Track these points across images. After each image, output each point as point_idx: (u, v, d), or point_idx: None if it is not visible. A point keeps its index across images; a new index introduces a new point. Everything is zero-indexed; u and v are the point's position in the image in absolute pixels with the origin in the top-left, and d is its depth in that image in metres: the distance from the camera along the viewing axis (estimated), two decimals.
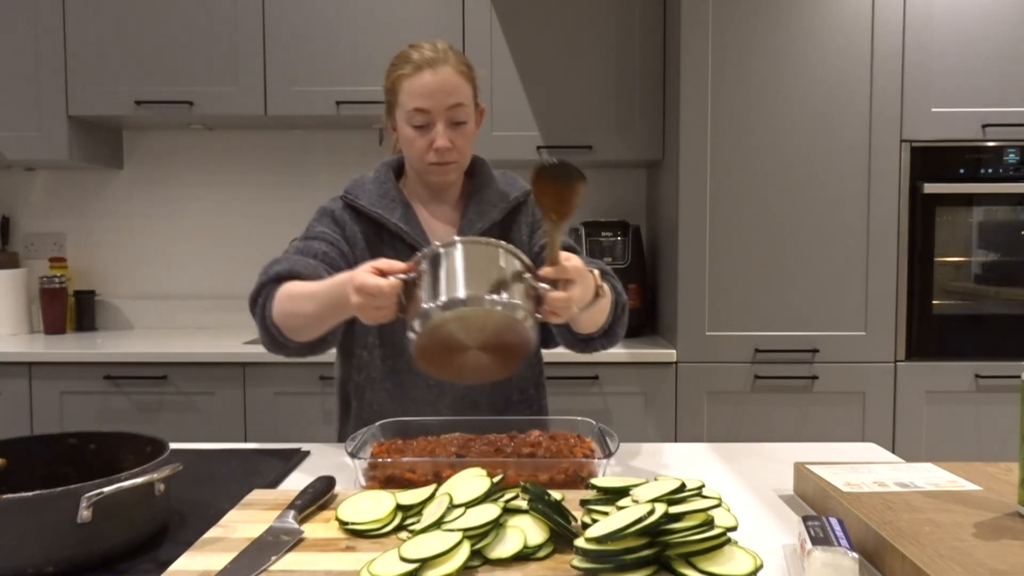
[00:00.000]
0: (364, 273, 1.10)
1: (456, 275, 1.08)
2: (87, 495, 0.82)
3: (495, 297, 1.06)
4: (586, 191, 1.14)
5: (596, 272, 1.26)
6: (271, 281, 1.32)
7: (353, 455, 1.08)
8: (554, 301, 1.11)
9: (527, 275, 1.13)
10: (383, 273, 1.10)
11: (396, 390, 1.44)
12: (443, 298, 1.05)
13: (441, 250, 1.11)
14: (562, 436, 1.20)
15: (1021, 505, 0.89)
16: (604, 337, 1.41)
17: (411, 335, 1.07)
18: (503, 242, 1.15)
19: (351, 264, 1.39)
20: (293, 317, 1.27)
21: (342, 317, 1.25)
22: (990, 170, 2.45)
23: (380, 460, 1.09)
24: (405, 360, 1.42)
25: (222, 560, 0.82)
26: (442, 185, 1.46)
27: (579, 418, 1.27)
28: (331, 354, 2.46)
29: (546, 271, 1.12)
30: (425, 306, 1.05)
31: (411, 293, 1.10)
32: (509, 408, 1.49)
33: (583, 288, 1.16)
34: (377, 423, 1.25)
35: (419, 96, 1.35)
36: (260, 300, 1.32)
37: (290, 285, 1.28)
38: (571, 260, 1.13)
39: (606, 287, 1.31)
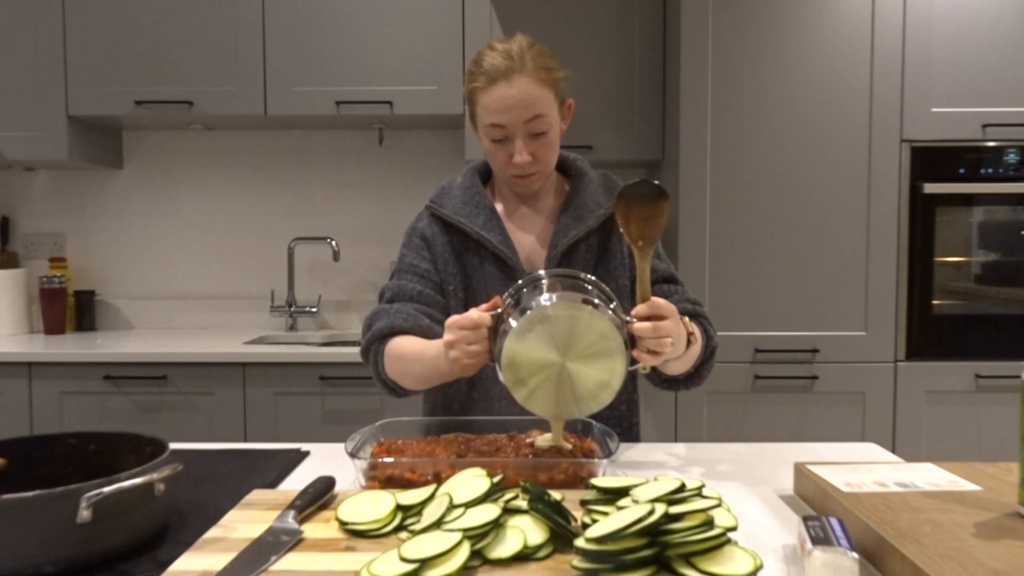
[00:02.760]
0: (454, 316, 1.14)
1: (542, 293, 1.10)
2: (87, 495, 0.81)
3: (585, 297, 1.07)
4: (671, 209, 1.16)
5: (687, 319, 1.24)
6: (376, 340, 1.36)
7: (353, 455, 1.08)
8: (643, 331, 1.10)
9: (614, 305, 1.13)
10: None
11: (481, 399, 1.42)
12: (530, 306, 1.07)
13: (524, 285, 1.15)
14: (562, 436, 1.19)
15: (1021, 505, 0.89)
16: (690, 379, 1.38)
17: (500, 353, 1.07)
18: (591, 276, 1.16)
19: (445, 289, 1.41)
20: (404, 376, 1.34)
21: (447, 378, 1.29)
22: (990, 170, 2.45)
23: (380, 460, 1.09)
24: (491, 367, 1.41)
25: (222, 560, 0.82)
26: (528, 193, 1.44)
27: (579, 418, 1.27)
28: (339, 355, 2.47)
29: (638, 308, 1.13)
30: (513, 320, 1.07)
31: (498, 329, 1.12)
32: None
33: (676, 325, 1.14)
34: (377, 423, 1.25)
35: (494, 111, 1.30)
36: (371, 357, 1.38)
37: (395, 344, 1.34)
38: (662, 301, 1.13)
39: (697, 333, 1.29)
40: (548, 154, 1.36)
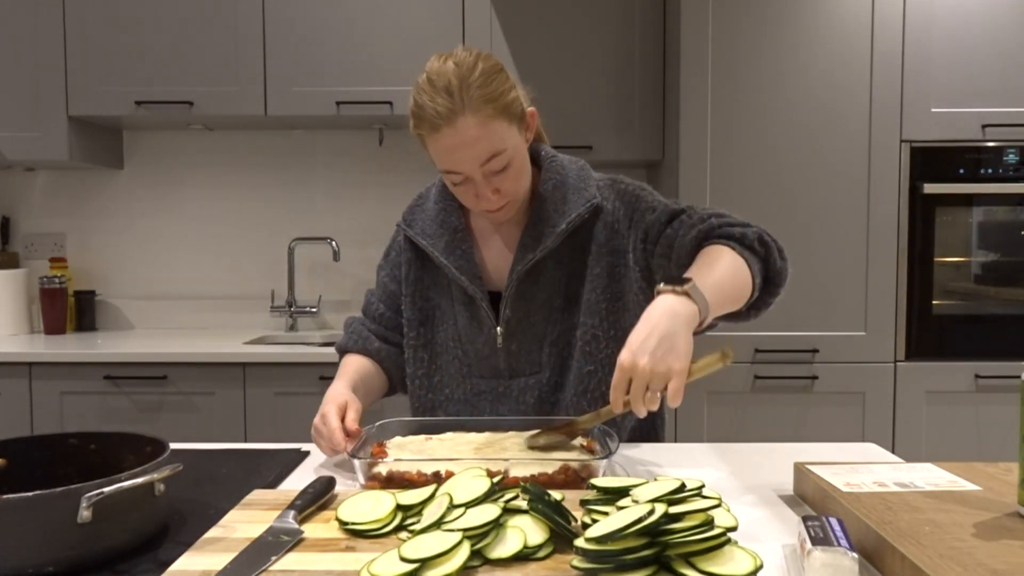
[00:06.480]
0: (322, 413, 1.23)
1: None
2: (87, 495, 0.81)
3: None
4: None
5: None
6: (338, 352, 1.49)
7: (353, 455, 1.08)
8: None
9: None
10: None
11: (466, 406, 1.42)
12: None
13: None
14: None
15: (1021, 505, 0.89)
16: (754, 309, 1.28)
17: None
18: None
19: (402, 310, 1.45)
20: None
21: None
22: (990, 170, 2.45)
23: (380, 460, 1.09)
24: (481, 380, 1.40)
25: (222, 560, 0.82)
26: (503, 221, 1.34)
27: (579, 418, 1.26)
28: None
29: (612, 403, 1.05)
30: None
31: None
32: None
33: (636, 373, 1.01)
34: (377, 423, 1.25)
35: (446, 159, 1.20)
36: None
37: (343, 362, 1.45)
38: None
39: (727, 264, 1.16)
40: (515, 185, 1.26)
